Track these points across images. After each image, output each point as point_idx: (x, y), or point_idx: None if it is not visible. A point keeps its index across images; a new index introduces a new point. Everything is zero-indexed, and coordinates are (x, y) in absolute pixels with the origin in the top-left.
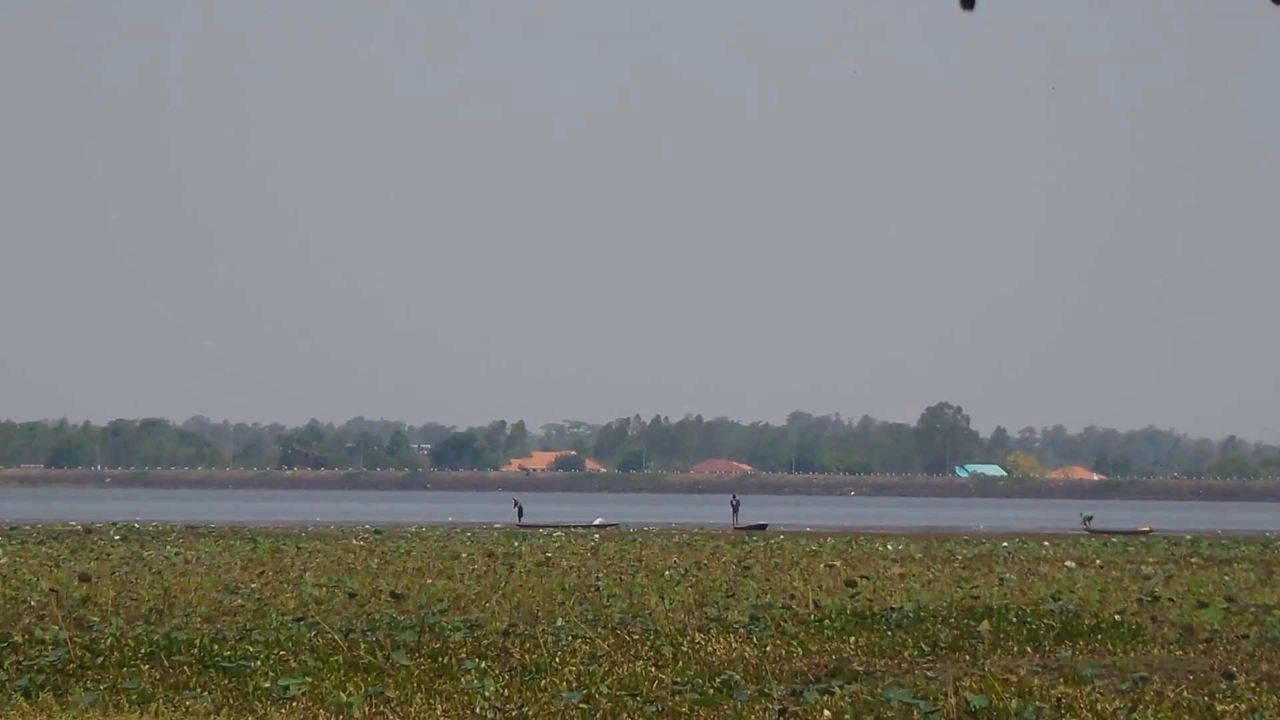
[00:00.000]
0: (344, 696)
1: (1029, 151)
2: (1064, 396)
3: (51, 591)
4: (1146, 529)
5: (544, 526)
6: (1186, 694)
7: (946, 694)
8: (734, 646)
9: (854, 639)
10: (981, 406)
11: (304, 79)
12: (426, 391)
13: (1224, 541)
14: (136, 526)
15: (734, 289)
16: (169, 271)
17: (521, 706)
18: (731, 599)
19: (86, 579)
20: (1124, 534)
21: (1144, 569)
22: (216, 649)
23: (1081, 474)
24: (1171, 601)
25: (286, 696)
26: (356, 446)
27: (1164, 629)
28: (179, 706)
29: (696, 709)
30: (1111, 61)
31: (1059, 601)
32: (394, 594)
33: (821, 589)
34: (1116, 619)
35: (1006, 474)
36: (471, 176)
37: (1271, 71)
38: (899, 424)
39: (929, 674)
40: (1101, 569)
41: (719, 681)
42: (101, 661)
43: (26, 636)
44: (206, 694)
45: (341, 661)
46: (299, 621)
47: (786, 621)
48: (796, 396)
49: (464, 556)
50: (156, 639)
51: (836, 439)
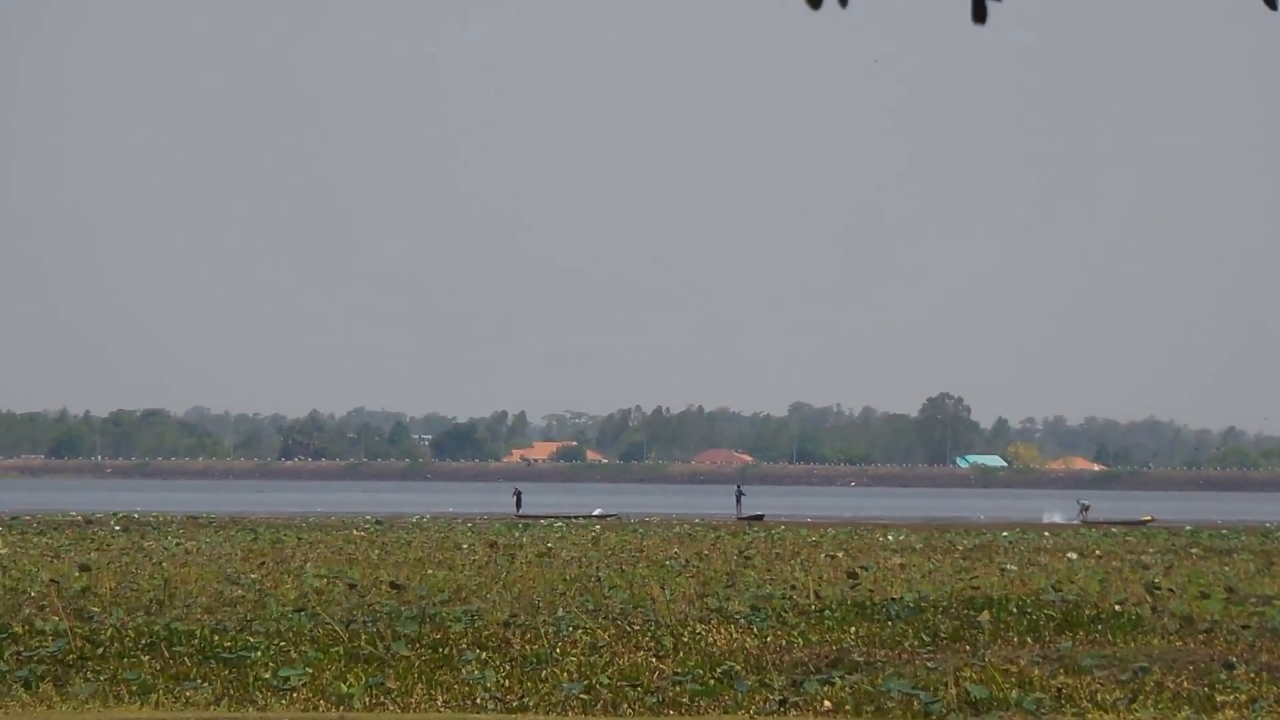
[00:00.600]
0: (345, 687)
1: (1029, 142)
2: (1064, 387)
3: (52, 582)
4: (1148, 519)
5: (543, 517)
6: (1186, 684)
7: (947, 684)
8: (735, 637)
9: (854, 629)
10: (982, 397)
11: (302, 78)
12: (427, 382)
13: (1224, 532)
14: (137, 517)
15: (734, 280)
16: (169, 263)
17: (522, 697)
18: (732, 590)
19: (87, 570)
20: (1124, 524)
21: (1144, 559)
22: (217, 640)
23: (1082, 464)
24: (1172, 592)
25: (287, 687)
26: (357, 437)
27: (1164, 619)
28: (179, 697)
29: (697, 699)
30: (1113, 52)
31: (1059, 592)
32: (395, 584)
33: (822, 580)
34: (1117, 609)
35: (1007, 464)
36: (471, 170)
37: (1271, 60)
38: (900, 414)
39: (929, 664)
40: (1101, 559)
41: (720, 672)
42: (102, 652)
43: (27, 627)
44: (207, 685)
45: (342, 652)
46: (299, 612)
47: (787, 612)
48: (797, 387)
49: (465, 547)
50: (157, 630)
51: (837, 430)
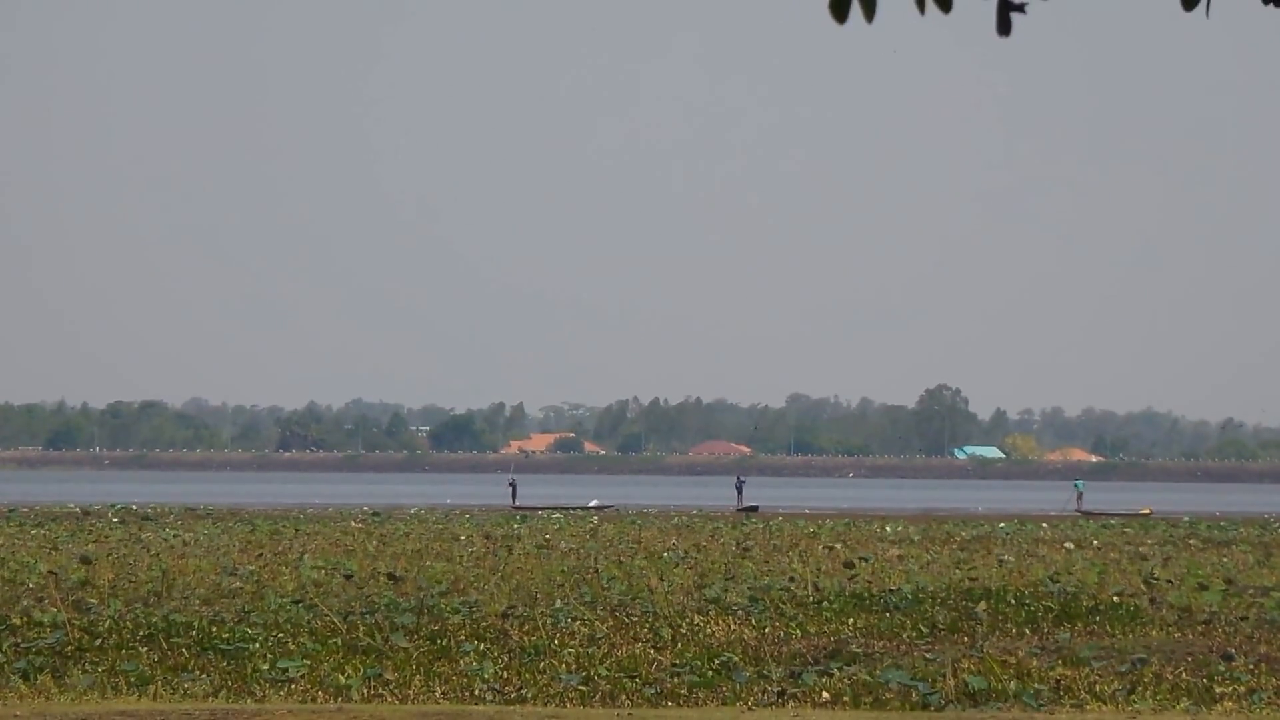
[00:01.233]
0: (343, 678)
1: (1027, 136)
2: (1062, 378)
3: (50, 574)
4: (1147, 511)
5: (539, 508)
6: (1185, 675)
7: (945, 675)
8: (733, 628)
9: (852, 621)
10: (980, 388)
11: (294, 73)
12: (425, 373)
13: (1222, 523)
14: (135, 509)
15: (733, 272)
16: (166, 255)
17: (520, 688)
18: (730, 581)
19: (85, 561)
20: (1123, 516)
21: (1142, 551)
22: (215, 631)
23: (1080, 455)
24: (1170, 583)
25: (285, 679)
26: (355, 429)
27: (1162, 611)
28: (177, 689)
29: (695, 690)
30: (1116, 50)
31: (1057, 583)
32: (392, 576)
33: (820, 571)
34: (1115, 601)
35: (1005, 456)
36: (470, 162)
37: (1271, 55)
38: (898, 406)
39: (927, 655)
40: (1100, 550)
41: (718, 663)
42: (100, 644)
43: (25, 619)
44: (205, 676)
45: (340, 643)
46: (297, 604)
47: (785, 603)
48: (795, 378)
49: (463, 539)
50: (155, 621)
51: (835, 421)
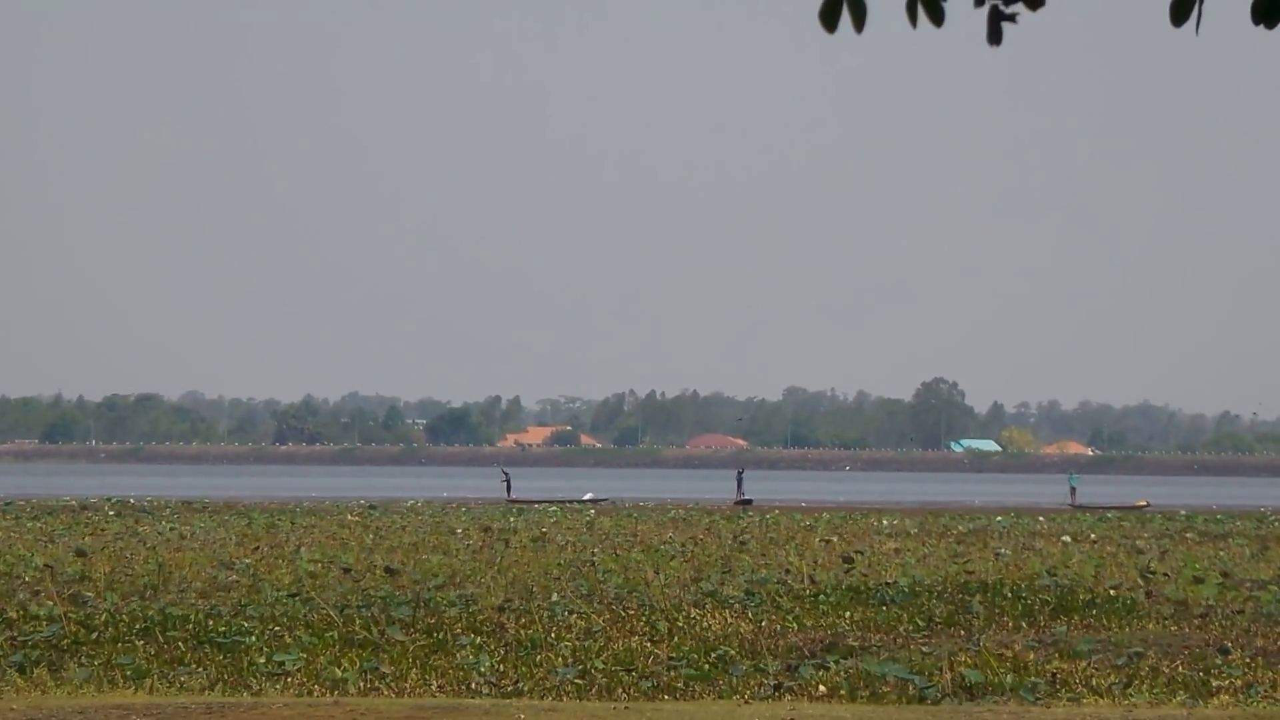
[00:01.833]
0: (339, 672)
1: (1024, 131)
2: (1059, 372)
3: (46, 567)
4: (1142, 504)
5: (534, 502)
6: (1181, 669)
7: (941, 669)
8: (729, 621)
9: (849, 614)
10: (977, 381)
11: (286, 69)
12: (422, 367)
13: (1219, 517)
14: (131, 502)
15: (729, 265)
16: (164, 248)
17: (517, 682)
18: (727, 574)
19: (81, 554)
20: (1119, 509)
21: (1139, 544)
22: (212, 625)
23: (1076, 449)
24: (1166, 577)
25: (282, 672)
26: (351, 422)
27: (1159, 604)
28: (174, 682)
29: (692, 684)
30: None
31: (1054, 576)
32: (389, 569)
33: (817, 564)
34: (1112, 594)
35: (1001, 449)
36: (467, 154)
37: (1270, 49)
38: (894, 399)
39: (924, 649)
40: (1096, 544)
41: (714, 656)
42: (96, 637)
43: (21, 612)
44: (202, 670)
45: (337, 637)
46: (294, 597)
47: (782, 596)
48: (792, 371)
49: (459, 532)
50: (151, 615)
51: (831, 414)
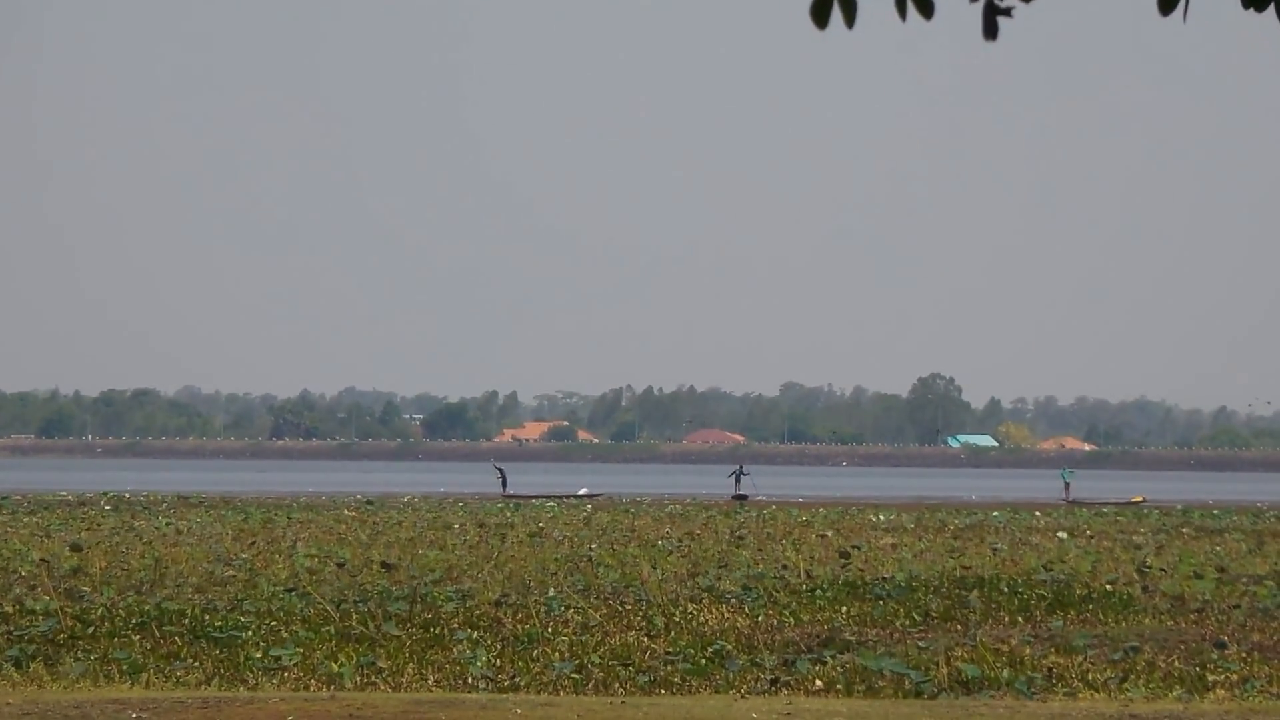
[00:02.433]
0: (336, 667)
1: (1022, 123)
2: (1056, 367)
3: (42, 562)
4: (1138, 499)
5: (529, 497)
6: (1178, 664)
7: (938, 664)
8: (726, 616)
9: (846, 609)
10: (974, 377)
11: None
12: (418, 362)
13: (1215, 512)
14: (127, 497)
15: (726, 259)
16: (159, 242)
17: (514, 676)
18: (724, 569)
19: (77, 549)
20: (1115, 505)
21: (1135, 539)
22: (208, 619)
23: (1073, 444)
24: (1163, 572)
25: (278, 667)
26: (348, 417)
27: (1155, 599)
28: (170, 677)
29: (689, 679)
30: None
31: (1050, 571)
32: (386, 564)
33: (814, 559)
34: (1108, 589)
35: (998, 444)
36: (462, 147)
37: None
38: (891, 394)
39: (920, 644)
40: (1093, 539)
41: (711, 651)
42: (92, 632)
43: (17, 606)
44: (198, 664)
45: (333, 632)
46: (290, 592)
47: (779, 591)
48: (789, 367)
49: (456, 527)
50: (148, 609)
51: (829, 409)
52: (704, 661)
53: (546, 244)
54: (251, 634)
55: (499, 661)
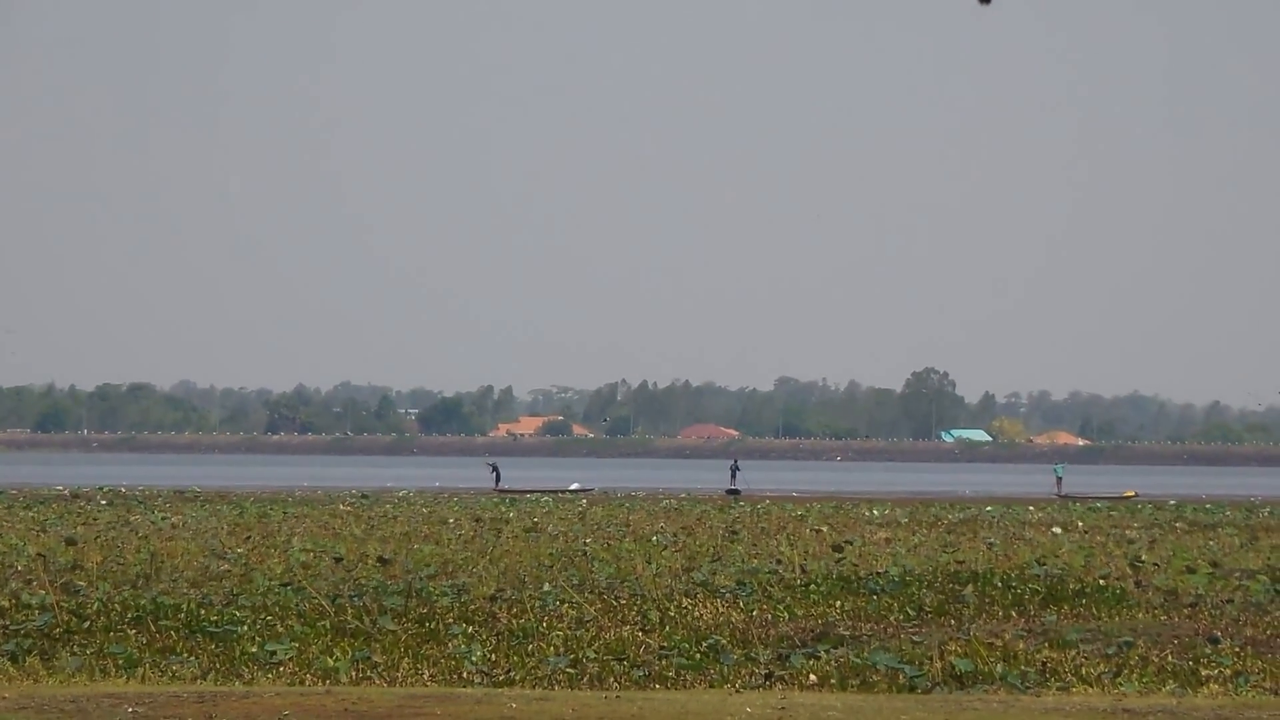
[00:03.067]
0: (331, 661)
1: (1010, 119)
2: (1049, 362)
3: (38, 556)
4: (1130, 494)
5: (522, 491)
6: (1171, 658)
7: (932, 658)
8: (721, 611)
9: (840, 603)
10: (967, 371)
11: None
12: (414, 356)
13: (1208, 506)
14: (123, 491)
15: (721, 254)
16: (154, 238)
17: (509, 671)
18: (718, 564)
19: (73, 544)
20: (1108, 499)
21: (1129, 534)
22: (203, 614)
23: (1066, 439)
24: (1156, 566)
25: (273, 661)
26: (344, 411)
27: (1148, 593)
28: (166, 671)
29: (683, 673)
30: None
31: (1044, 566)
32: (381, 559)
33: (808, 554)
34: (1101, 583)
35: (991, 439)
36: (459, 143)
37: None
38: (885, 389)
39: (914, 638)
40: (1086, 534)
41: (706, 645)
42: (88, 626)
43: (13, 601)
44: (193, 659)
45: (328, 626)
46: (286, 586)
47: (773, 586)
48: (783, 361)
49: (451, 522)
50: (143, 604)
51: (823, 404)
52: (698, 656)
53: (541, 239)
54: (247, 628)
55: (494, 656)
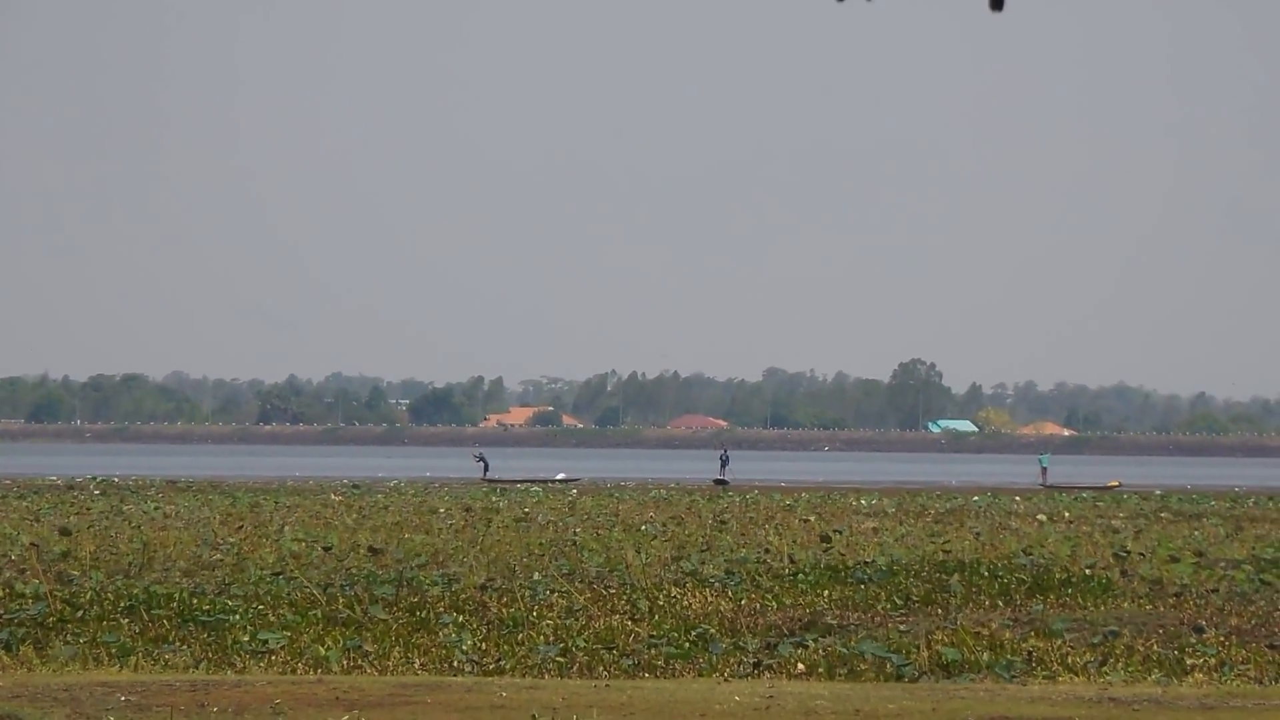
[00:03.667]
0: (322, 650)
1: (997, 110)
2: (1036, 353)
3: (32, 546)
4: (1114, 484)
5: (509, 482)
6: (1156, 648)
7: (919, 647)
8: (709, 600)
9: (828, 593)
10: (954, 362)
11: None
12: (405, 347)
13: (1193, 496)
14: (116, 481)
15: (710, 246)
16: (148, 229)
17: (499, 660)
18: (707, 553)
19: (66, 533)
20: (1093, 489)
21: (1114, 524)
22: (196, 603)
23: (1052, 429)
24: (1141, 556)
25: (265, 650)
26: (335, 402)
27: (1134, 583)
28: (158, 660)
29: (672, 662)
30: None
31: (1030, 556)
32: (372, 549)
33: (796, 543)
34: (1087, 573)
35: (978, 430)
36: (447, 134)
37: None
38: (872, 380)
39: (901, 627)
40: (1072, 523)
41: (695, 635)
42: (81, 615)
43: (7, 590)
44: (186, 647)
45: (320, 615)
46: (277, 576)
47: (761, 575)
48: (772, 352)
49: (442, 511)
50: (136, 593)
51: (811, 395)
52: (687, 645)
53: (531, 230)
54: (239, 617)
55: (484, 645)
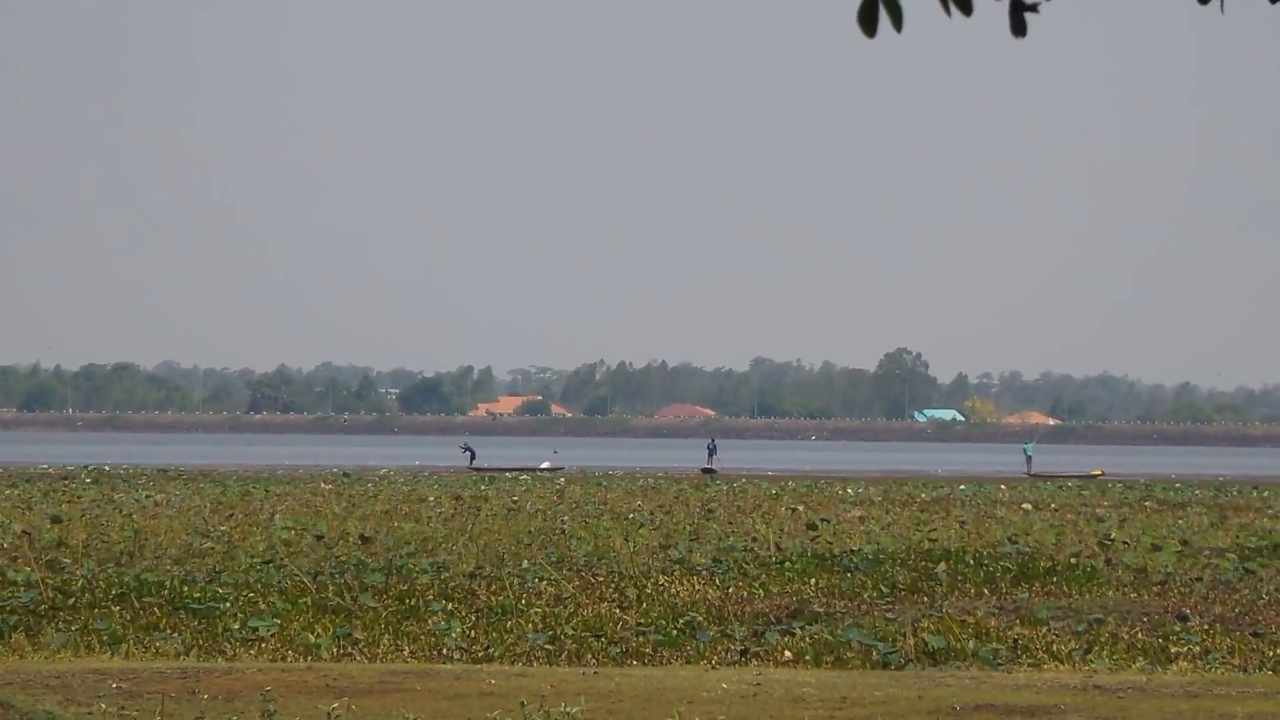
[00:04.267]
0: (312, 638)
1: (987, 104)
2: (1021, 342)
3: (24, 534)
4: (1098, 473)
5: (501, 470)
6: (1141, 635)
7: (905, 635)
8: (697, 588)
9: (814, 581)
10: (940, 352)
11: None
12: (395, 337)
13: (1178, 485)
14: (108, 470)
15: (698, 237)
16: (139, 220)
17: (488, 647)
18: (695, 542)
19: (58, 522)
20: (1077, 478)
21: (1099, 512)
22: (186, 591)
23: (1038, 419)
24: (1126, 545)
25: (256, 637)
26: (325, 391)
27: (1118, 571)
28: (149, 647)
29: (660, 649)
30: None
31: (1015, 544)
32: (362, 537)
33: (783, 532)
34: (1072, 561)
35: (964, 419)
36: (434, 124)
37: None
38: (859, 369)
39: (888, 615)
40: (1057, 512)
41: (682, 622)
42: (73, 603)
43: None
44: (176, 635)
45: (310, 603)
46: (268, 564)
47: (748, 564)
48: (759, 342)
49: (431, 500)
50: (127, 581)
51: (798, 384)
52: (675, 633)
53: (520, 220)
54: (229, 605)
55: (473, 633)
